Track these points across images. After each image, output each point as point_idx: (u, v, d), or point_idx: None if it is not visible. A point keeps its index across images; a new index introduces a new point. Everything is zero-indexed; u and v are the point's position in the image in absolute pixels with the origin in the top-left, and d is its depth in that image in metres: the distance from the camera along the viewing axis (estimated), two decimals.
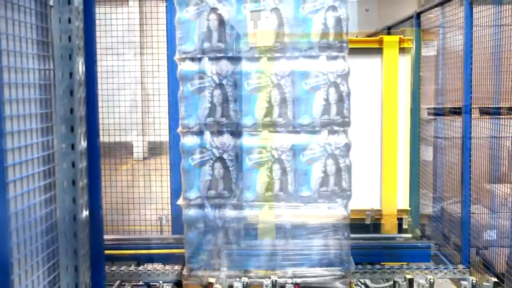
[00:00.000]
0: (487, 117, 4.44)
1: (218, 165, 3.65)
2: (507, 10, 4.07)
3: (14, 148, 1.81)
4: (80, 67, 2.13)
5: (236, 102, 3.64)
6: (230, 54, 3.64)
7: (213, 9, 3.59)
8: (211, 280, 3.58)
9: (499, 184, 4.46)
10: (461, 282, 3.67)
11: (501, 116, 4.37)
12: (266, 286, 3.54)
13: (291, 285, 3.54)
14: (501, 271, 3.97)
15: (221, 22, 3.61)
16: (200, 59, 3.64)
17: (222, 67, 3.63)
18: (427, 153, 5.76)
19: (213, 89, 3.63)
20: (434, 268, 4.05)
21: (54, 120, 2.10)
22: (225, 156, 3.65)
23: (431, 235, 5.39)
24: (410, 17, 6.10)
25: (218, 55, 3.64)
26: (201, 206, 3.69)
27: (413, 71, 5.90)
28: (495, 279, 3.53)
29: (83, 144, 2.15)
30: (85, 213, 2.17)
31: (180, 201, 3.73)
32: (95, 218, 2.27)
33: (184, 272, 3.71)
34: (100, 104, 2.37)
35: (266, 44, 3.62)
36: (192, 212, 3.70)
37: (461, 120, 4.53)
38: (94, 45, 2.28)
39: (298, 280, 3.68)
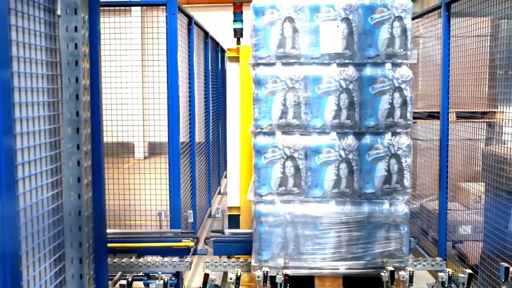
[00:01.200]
0: (463, 120, 4.47)
1: (289, 163, 3.67)
2: (482, 22, 4.11)
3: (24, 148, 1.81)
4: (86, 72, 2.13)
5: (307, 104, 3.65)
6: (302, 60, 3.66)
7: (288, 18, 3.63)
8: (207, 271, 3.59)
9: (473, 183, 4.50)
10: (438, 273, 3.70)
11: (475, 120, 4.41)
12: (258, 277, 3.54)
13: (281, 276, 3.54)
14: (475, 263, 4.01)
15: (295, 30, 3.63)
16: (273, 64, 3.67)
17: (295, 72, 3.64)
18: None
19: (285, 92, 3.64)
20: (414, 261, 4.07)
21: (61, 122, 2.10)
22: (295, 155, 3.65)
23: (411, 229, 5.42)
24: None
25: (291, 60, 3.66)
26: (272, 202, 3.71)
27: None
28: (470, 271, 3.56)
29: (87, 144, 2.15)
30: (90, 208, 2.17)
31: (250, 197, 3.75)
32: (99, 213, 2.28)
33: (253, 263, 3.71)
34: (103, 107, 2.37)
35: (336, 51, 3.64)
36: (262, 207, 3.71)
37: (439, 124, 4.56)
38: (99, 52, 2.28)
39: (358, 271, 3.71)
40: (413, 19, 5.58)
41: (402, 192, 3.70)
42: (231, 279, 3.50)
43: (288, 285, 3.50)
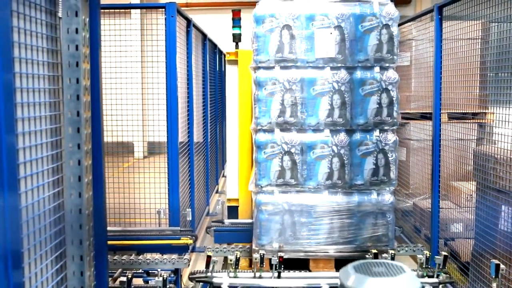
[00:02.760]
0: (455, 121, 4.48)
1: (286, 157, 3.93)
2: (473, 26, 4.12)
3: (25, 147, 1.80)
4: (86, 73, 2.12)
5: (303, 104, 3.91)
6: (298, 64, 3.92)
7: (286, 26, 3.88)
8: (209, 253, 3.66)
9: (465, 182, 4.51)
10: (417, 255, 3.80)
11: (466, 121, 4.42)
12: (255, 259, 3.70)
13: (276, 258, 3.62)
14: (466, 260, 4.02)
15: (292, 36, 3.89)
16: (273, 68, 3.93)
17: (292, 74, 3.91)
18: (401, 154, 5.80)
19: (283, 93, 3.90)
20: (398, 247, 4.20)
21: (62, 122, 2.09)
22: (292, 150, 3.92)
23: (404, 226, 5.42)
24: None
25: (288, 64, 3.93)
26: (271, 192, 3.99)
27: None
28: (445, 253, 3.62)
29: (88, 143, 2.15)
30: (90, 206, 2.17)
31: (251, 188, 4.04)
32: (99, 211, 2.27)
33: (254, 247, 4.00)
34: (103, 107, 2.36)
35: (329, 55, 3.89)
36: (262, 197, 4.00)
37: (431, 124, 4.57)
38: (99, 53, 2.27)
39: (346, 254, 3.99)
40: (406, 22, 5.62)
41: (389, 183, 3.98)
42: (231, 260, 3.64)
43: (282, 266, 3.64)
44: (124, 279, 3.59)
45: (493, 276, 3.21)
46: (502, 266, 3.19)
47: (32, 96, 1.87)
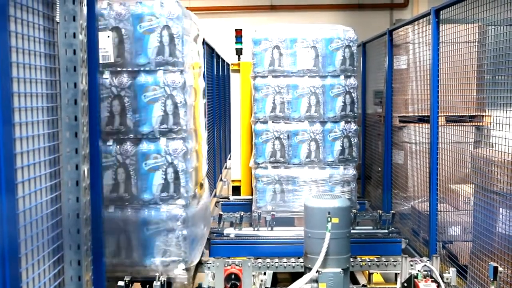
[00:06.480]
0: (452, 124, 4.49)
1: (277, 142, 5.18)
2: (470, 29, 4.13)
3: (23, 152, 1.80)
4: (84, 78, 2.12)
5: (288, 103, 5.16)
6: (285, 74, 5.17)
7: (276, 46, 5.15)
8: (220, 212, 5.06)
9: (462, 185, 4.52)
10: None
11: (464, 124, 4.43)
12: (254, 217, 4.98)
13: (270, 216, 4.94)
14: (464, 263, 4.02)
15: (280, 54, 5.17)
16: (266, 77, 5.18)
17: (280, 81, 5.16)
18: (398, 157, 5.81)
19: (274, 95, 5.16)
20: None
21: (60, 126, 2.09)
22: (281, 136, 5.18)
23: (401, 229, 5.42)
24: (383, 34, 6.16)
25: (278, 74, 5.19)
26: (265, 167, 5.22)
27: (387, 83, 5.96)
28: (393, 211, 4.34)
29: (86, 148, 2.14)
30: (88, 211, 2.16)
31: (251, 164, 5.27)
32: (97, 216, 2.27)
33: (253, 209, 5.20)
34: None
35: (307, 67, 5.17)
36: (259, 171, 5.23)
37: (428, 127, 4.58)
38: (97, 57, 2.27)
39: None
40: (403, 25, 5.64)
41: (352, 160, 5.24)
42: (236, 217, 5.11)
43: (274, 222, 4.99)
44: (122, 283, 3.57)
45: (491, 279, 3.22)
46: (500, 268, 3.20)
47: (30, 101, 1.87)
